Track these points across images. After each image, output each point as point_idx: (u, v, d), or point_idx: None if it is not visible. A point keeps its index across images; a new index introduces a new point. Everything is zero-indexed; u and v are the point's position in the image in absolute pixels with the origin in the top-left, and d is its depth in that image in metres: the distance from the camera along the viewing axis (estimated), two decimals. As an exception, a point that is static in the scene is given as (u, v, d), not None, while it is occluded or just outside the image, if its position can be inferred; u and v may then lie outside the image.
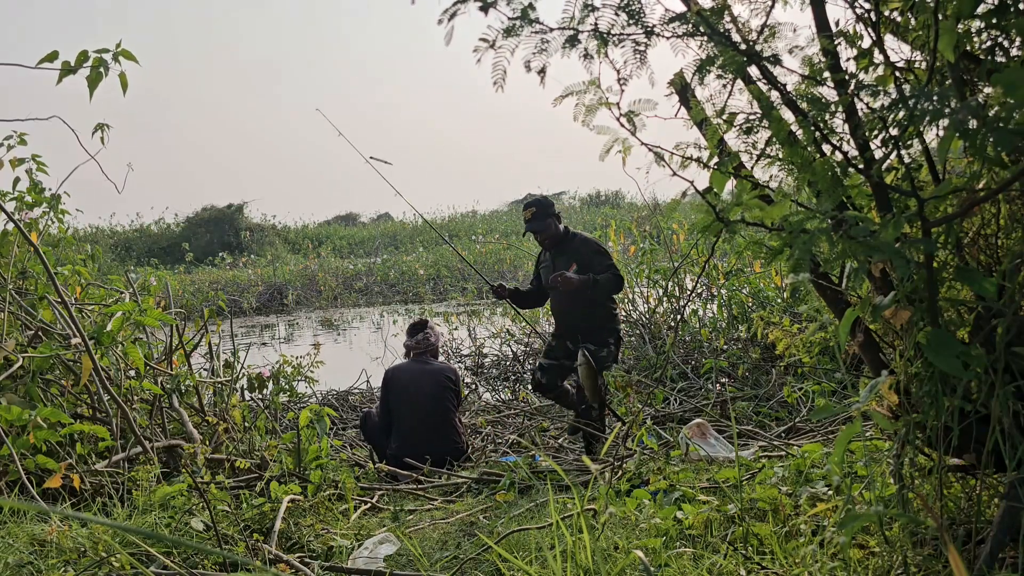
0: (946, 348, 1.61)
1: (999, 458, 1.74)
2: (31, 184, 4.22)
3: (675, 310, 7.04)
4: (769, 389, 5.43)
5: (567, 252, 4.80)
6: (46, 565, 2.54)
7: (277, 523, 3.03)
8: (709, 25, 1.68)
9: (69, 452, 3.43)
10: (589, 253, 4.75)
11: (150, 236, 25.10)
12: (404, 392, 4.72)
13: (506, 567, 2.37)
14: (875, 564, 1.97)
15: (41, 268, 3.75)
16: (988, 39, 1.72)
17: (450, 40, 1.69)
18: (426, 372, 4.80)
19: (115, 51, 3.23)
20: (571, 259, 4.74)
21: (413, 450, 4.50)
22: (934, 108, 1.46)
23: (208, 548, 0.89)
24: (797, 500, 2.53)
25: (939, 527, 1.79)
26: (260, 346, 11.17)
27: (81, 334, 3.42)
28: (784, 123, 1.75)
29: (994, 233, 1.84)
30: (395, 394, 4.76)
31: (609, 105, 1.83)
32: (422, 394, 4.68)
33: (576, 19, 1.72)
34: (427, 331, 4.98)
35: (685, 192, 1.92)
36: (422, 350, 4.93)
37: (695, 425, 4.19)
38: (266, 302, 16.85)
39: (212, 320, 4.89)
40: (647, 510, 2.71)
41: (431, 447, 4.55)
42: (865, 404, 1.73)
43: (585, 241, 4.84)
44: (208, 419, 4.09)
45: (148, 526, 2.93)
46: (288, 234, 26.67)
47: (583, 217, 25.69)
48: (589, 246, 4.80)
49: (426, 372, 4.80)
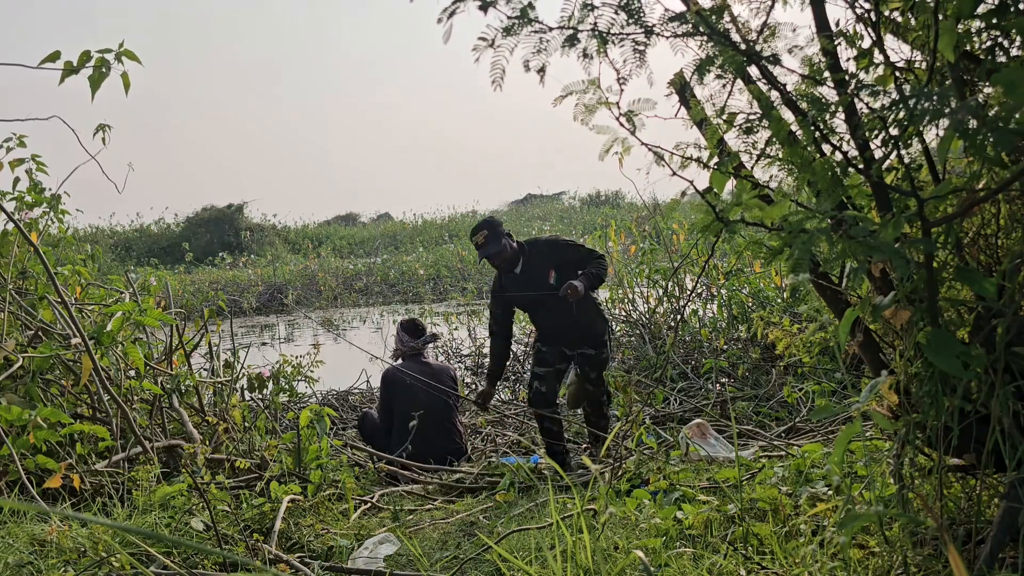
0: (946, 348, 1.61)
1: (999, 458, 1.74)
2: (31, 184, 4.23)
3: (675, 310, 7.04)
4: (769, 389, 5.43)
5: (536, 263, 4.46)
6: (46, 565, 2.54)
7: (277, 523, 3.03)
8: (709, 25, 1.68)
9: (69, 452, 3.43)
10: (561, 251, 4.46)
11: (150, 236, 25.10)
12: (407, 392, 4.72)
13: (506, 567, 2.37)
14: (875, 564, 1.97)
15: (41, 268, 3.75)
16: (988, 39, 1.72)
17: (448, 39, 1.69)
18: (427, 372, 4.80)
19: (117, 51, 3.22)
20: (546, 266, 4.43)
21: (416, 450, 4.50)
22: (934, 108, 1.46)
23: (208, 548, 0.88)
24: (797, 500, 2.53)
25: (939, 527, 1.79)
26: (260, 346, 11.17)
27: (81, 334, 3.42)
28: (784, 123, 1.75)
29: (994, 233, 1.84)
30: (397, 394, 4.76)
31: (609, 105, 1.83)
32: (425, 394, 4.69)
33: (575, 18, 1.72)
34: (429, 334, 4.98)
35: (684, 192, 1.92)
36: (419, 351, 4.92)
37: (695, 425, 4.19)
38: (266, 302, 16.86)
39: (212, 320, 4.89)
40: (647, 510, 2.71)
41: (433, 447, 4.56)
42: (865, 404, 1.73)
43: (551, 243, 4.54)
44: (208, 419, 4.09)
45: (148, 526, 2.92)
46: (288, 234, 26.68)
47: (583, 217, 25.70)
48: (558, 245, 4.51)
49: (427, 372, 4.80)
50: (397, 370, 4.89)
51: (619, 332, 7.34)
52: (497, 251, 4.43)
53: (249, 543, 2.79)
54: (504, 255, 4.45)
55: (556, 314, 4.45)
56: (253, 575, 2.48)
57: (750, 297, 6.53)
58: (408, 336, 4.98)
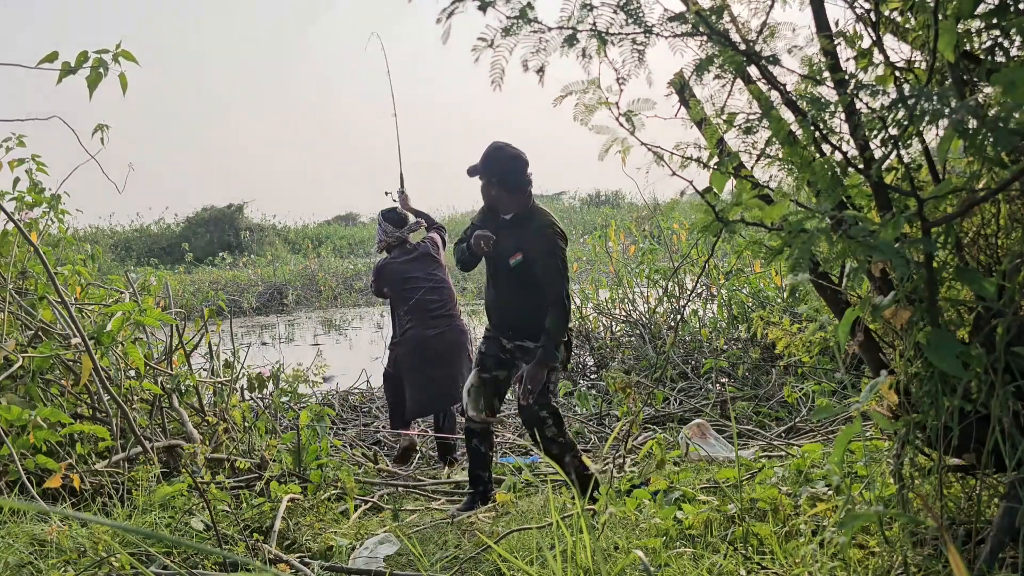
0: (946, 348, 1.61)
1: (999, 458, 1.74)
2: (31, 184, 4.23)
3: (675, 310, 7.04)
4: (769, 389, 5.43)
5: (520, 234, 3.64)
6: (46, 565, 2.54)
7: (276, 523, 3.03)
8: (708, 24, 1.68)
9: (69, 452, 3.43)
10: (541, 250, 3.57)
11: (150, 236, 25.09)
12: (401, 282, 4.91)
13: (506, 567, 2.37)
14: (875, 564, 1.97)
15: (41, 268, 3.75)
16: (988, 39, 1.72)
17: (447, 39, 1.69)
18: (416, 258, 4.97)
19: (115, 52, 3.23)
20: (521, 245, 3.62)
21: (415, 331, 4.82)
22: (934, 108, 1.46)
23: (208, 548, 0.88)
24: (797, 500, 2.53)
25: (939, 527, 1.79)
26: (260, 346, 11.17)
27: (81, 334, 3.42)
28: (784, 123, 1.75)
29: (994, 233, 1.84)
30: (392, 286, 4.96)
31: (608, 105, 1.83)
32: (417, 281, 4.91)
33: (574, 18, 1.72)
34: (413, 221, 5.07)
35: (684, 191, 1.92)
36: (405, 239, 5.01)
37: (695, 425, 4.19)
38: (266, 302, 16.85)
39: (212, 320, 4.89)
40: (647, 510, 2.71)
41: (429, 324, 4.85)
42: (865, 404, 1.73)
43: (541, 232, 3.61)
44: (208, 419, 4.09)
45: (148, 526, 2.93)
46: (288, 234, 26.66)
47: (583, 217, 25.67)
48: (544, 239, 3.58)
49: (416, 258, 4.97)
50: (387, 263, 5.00)
51: (619, 332, 7.33)
52: (515, 187, 3.65)
53: (249, 543, 2.79)
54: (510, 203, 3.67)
55: (506, 291, 3.69)
56: (253, 575, 2.48)
57: (750, 297, 6.53)
58: (393, 226, 5.01)
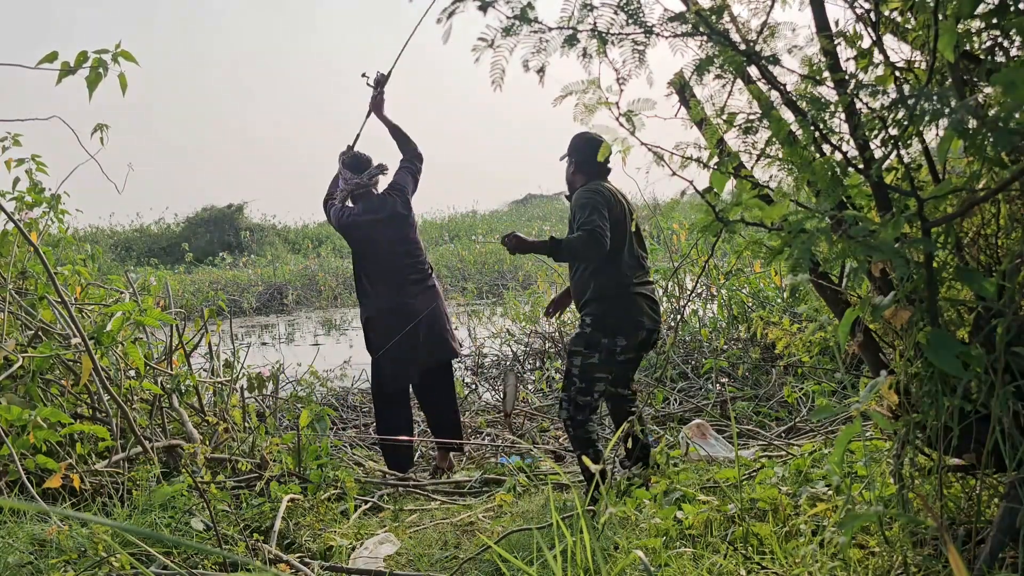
0: (946, 348, 1.61)
1: (999, 458, 1.74)
2: (31, 184, 4.23)
3: (675, 310, 7.04)
4: (769, 389, 5.42)
5: None
6: (46, 565, 2.54)
7: (276, 523, 3.03)
8: (708, 24, 1.68)
9: (69, 452, 3.43)
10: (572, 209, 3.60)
11: (150, 236, 25.08)
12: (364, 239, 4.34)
13: (506, 567, 2.37)
14: (875, 564, 1.97)
15: (41, 268, 3.75)
16: (988, 39, 1.72)
17: (448, 39, 1.69)
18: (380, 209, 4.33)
19: (114, 52, 3.23)
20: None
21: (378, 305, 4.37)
22: (934, 108, 1.46)
23: (208, 548, 0.88)
24: (797, 500, 2.53)
25: (939, 527, 1.79)
26: (260, 346, 11.17)
27: (81, 334, 3.42)
28: (784, 123, 1.75)
29: (994, 233, 1.84)
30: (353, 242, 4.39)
31: (608, 105, 1.83)
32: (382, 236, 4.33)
33: (575, 18, 1.72)
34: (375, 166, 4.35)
35: (684, 191, 1.92)
36: (368, 187, 4.34)
37: (695, 425, 4.19)
38: (266, 302, 16.85)
39: (212, 320, 4.89)
40: (647, 510, 2.71)
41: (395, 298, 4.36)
42: (865, 404, 1.73)
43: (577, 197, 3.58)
44: (208, 419, 4.09)
45: (148, 526, 2.92)
46: (288, 234, 26.64)
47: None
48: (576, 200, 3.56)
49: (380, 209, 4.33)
50: (352, 220, 4.33)
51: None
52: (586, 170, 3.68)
53: (249, 543, 2.79)
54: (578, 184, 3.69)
55: (571, 269, 3.74)
56: (253, 575, 2.48)
57: (750, 297, 6.53)
58: (351, 173, 4.34)
